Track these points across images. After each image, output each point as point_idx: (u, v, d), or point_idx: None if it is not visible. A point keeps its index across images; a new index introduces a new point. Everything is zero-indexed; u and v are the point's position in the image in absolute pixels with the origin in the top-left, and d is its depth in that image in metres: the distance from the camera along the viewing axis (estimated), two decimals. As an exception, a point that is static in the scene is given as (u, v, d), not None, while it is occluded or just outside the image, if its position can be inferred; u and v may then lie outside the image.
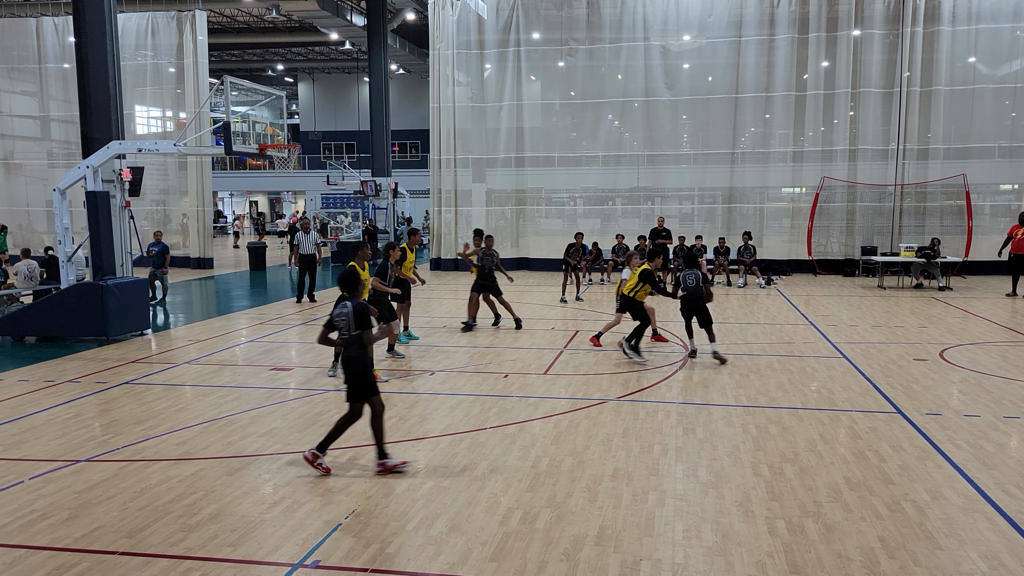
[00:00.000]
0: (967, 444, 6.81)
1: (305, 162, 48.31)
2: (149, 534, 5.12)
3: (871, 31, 20.63)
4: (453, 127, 22.99)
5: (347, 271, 6.54)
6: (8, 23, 25.91)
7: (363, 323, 6.15)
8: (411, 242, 11.59)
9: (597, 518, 5.30)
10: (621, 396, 8.56)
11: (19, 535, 5.13)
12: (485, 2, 22.17)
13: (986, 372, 9.56)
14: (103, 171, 12.72)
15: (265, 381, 9.47)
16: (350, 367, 6.16)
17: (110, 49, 13.21)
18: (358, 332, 6.14)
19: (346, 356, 6.20)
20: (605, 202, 23.86)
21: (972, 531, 5.08)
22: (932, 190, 20.93)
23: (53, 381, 9.51)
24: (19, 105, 26.79)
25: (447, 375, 9.66)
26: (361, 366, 6.17)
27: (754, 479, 6.01)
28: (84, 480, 6.11)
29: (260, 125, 13.98)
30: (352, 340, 6.18)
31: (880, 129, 20.95)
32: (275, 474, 6.22)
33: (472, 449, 6.77)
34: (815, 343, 11.57)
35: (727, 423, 7.51)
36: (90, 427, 7.57)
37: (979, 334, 12.19)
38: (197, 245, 24.79)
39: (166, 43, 24.11)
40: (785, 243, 21.95)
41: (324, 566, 4.66)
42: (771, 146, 22.00)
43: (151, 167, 23.65)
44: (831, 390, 8.80)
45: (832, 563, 4.65)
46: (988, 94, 20.65)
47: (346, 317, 6.19)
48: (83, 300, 11.90)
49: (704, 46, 22.00)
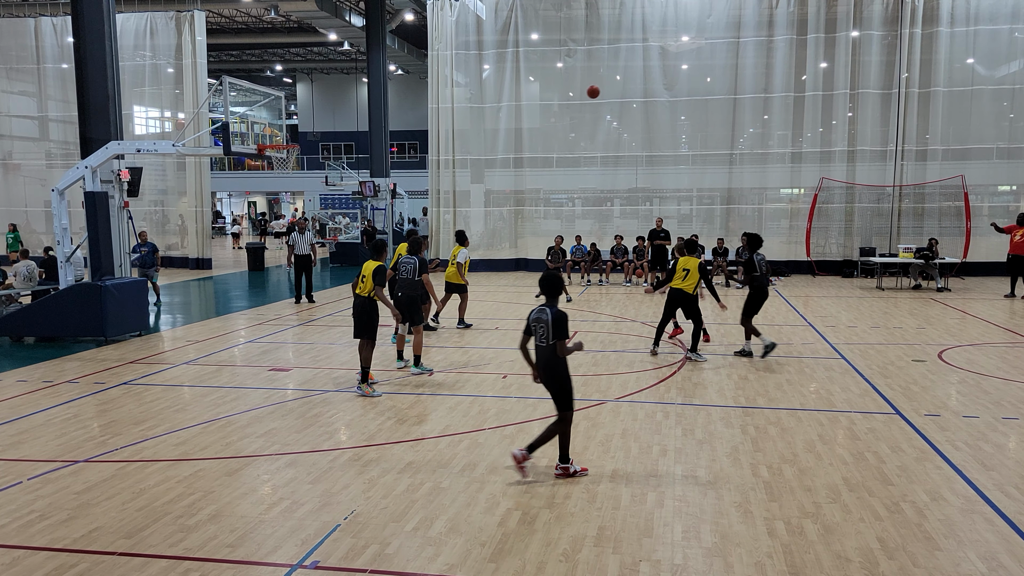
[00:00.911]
0: (966, 445, 6.82)
1: (304, 163, 48.28)
2: (148, 535, 5.11)
3: (870, 32, 20.65)
4: (452, 128, 22.99)
5: (551, 274, 6.19)
6: (6, 23, 25.89)
7: (561, 332, 5.92)
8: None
9: (596, 519, 5.30)
10: (620, 397, 8.56)
11: (18, 536, 5.13)
12: (484, 3, 22.18)
13: (985, 373, 9.57)
14: (102, 171, 12.71)
15: (264, 382, 9.46)
16: (557, 373, 5.99)
17: (109, 49, 13.20)
18: (555, 341, 5.93)
19: (550, 363, 6.00)
20: (603, 203, 23.86)
21: (971, 532, 5.09)
22: (931, 191, 20.95)
23: (52, 381, 9.50)
24: (17, 105, 26.77)
25: (446, 376, 9.66)
26: (566, 372, 6.03)
27: (753, 480, 6.02)
28: (83, 481, 6.10)
29: (259, 126, 13.98)
30: (546, 348, 5.99)
31: (879, 130, 20.98)
32: (274, 475, 6.22)
33: (471, 450, 6.77)
34: (814, 344, 11.57)
35: (726, 424, 7.51)
36: (89, 428, 7.56)
37: (978, 335, 12.21)
38: (195, 245, 24.77)
39: (165, 43, 24.09)
40: (784, 244, 21.95)
41: (323, 567, 4.66)
42: (770, 147, 22.01)
43: (150, 168, 23.62)
44: (830, 391, 8.81)
45: (831, 564, 4.66)
46: (986, 95, 20.68)
47: (545, 324, 5.98)
48: (82, 300, 11.89)
49: (703, 47, 22.01)
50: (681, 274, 10.51)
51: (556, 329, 5.91)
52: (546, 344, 5.99)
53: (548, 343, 5.97)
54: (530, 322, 6.10)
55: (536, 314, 6.06)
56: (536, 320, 6.04)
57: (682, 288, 10.46)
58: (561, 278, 6.21)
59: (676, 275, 10.56)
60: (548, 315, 5.96)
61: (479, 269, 22.65)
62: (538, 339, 6.05)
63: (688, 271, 10.46)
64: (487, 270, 22.44)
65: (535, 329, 6.06)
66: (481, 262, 22.84)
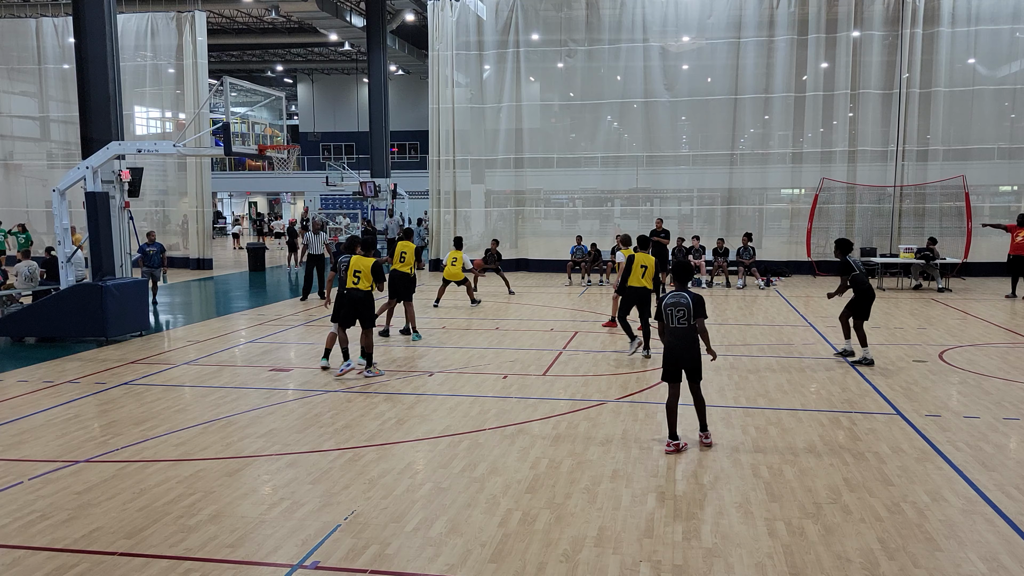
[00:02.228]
0: (967, 446, 6.81)
1: (304, 163, 48.29)
2: (149, 535, 5.11)
3: (870, 32, 20.65)
4: (452, 128, 23.00)
5: (684, 262, 7.00)
6: (8, 24, 25.91)
7: (701, 311, 6.62)
8: None
9: (596, 519, 5.30)
10: (620, 397, 8.56)
11: (18, 536, 5.13)
12: (484, 3, 22.18)
13: (985, 373, 9.56)
14: (103, 172, 12.72)
15: (264, 382, 9.46)
16: (695, 350, 6.65)
17: (110, 50, 13.21)
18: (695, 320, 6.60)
19: (690, 341, 6.62)
20: (604, 203, 23.87)
21: (972, 533, 5.09)
22: (931, 191, 20.94)
23: (52, 382, 9.50)
24: (19, 106, 26.79)
25: (446, 376, 9.66)
26: (698, 352, 6.68)
27: (753, 480, 6.01)
28: (83, 481, 6.10)
29: (259, 126, 13.99)
30: (687, 328, 6.61)
31: (879, 130, 20.97)
32: (274, 475, 6.22)
33: (471, 450, 6.77)
34: (814, 344, 11.57)
35: (726, 424, 7.51)
36: (89, 428, 7.57)
37: (978, 335, 12.20)
38: (196, 246, 24.78)
39: (165, 44, 24.10)
40: (784, 244, 21.95)
41: (323, 567, 4.66)
42: (770, 147, 22.02)
43: (150, 168, 23.62)
44: (830, 391, 8.80)
45: (832, 564, 4.65)
46: (987, 95, 20.67)
47: (684, 307, 6.59)
48: (83, 301, 11.89)
49: (703, 47, 22.01)
50: (639, 271, 10.49)
51: (698, 308, 6.61)
52: (686, 325, 6.61)
53: (689, 323, 6.60)
54: (664, 307, 6.69)
55: (672, 299, 6.66)
56: (673, 304, 6.64)
57: (644, 285, 10.49)
58: (692, 266, 7.08)
59: (633, 273, 10.52)
60: (687, 298, 6.63)
61: (480, 269, 22.67)
62: (675, 321, 6.65)
63: (646, 267, 10.50)
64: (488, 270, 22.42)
65: (671, 313, 6.65)
66: (482, 262, 22.87)
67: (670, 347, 6.73)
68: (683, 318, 6.61)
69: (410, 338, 12.00)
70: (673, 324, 6.66)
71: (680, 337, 6.64)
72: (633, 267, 10.51)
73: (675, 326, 6.66)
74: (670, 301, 6.67)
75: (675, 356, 6.68)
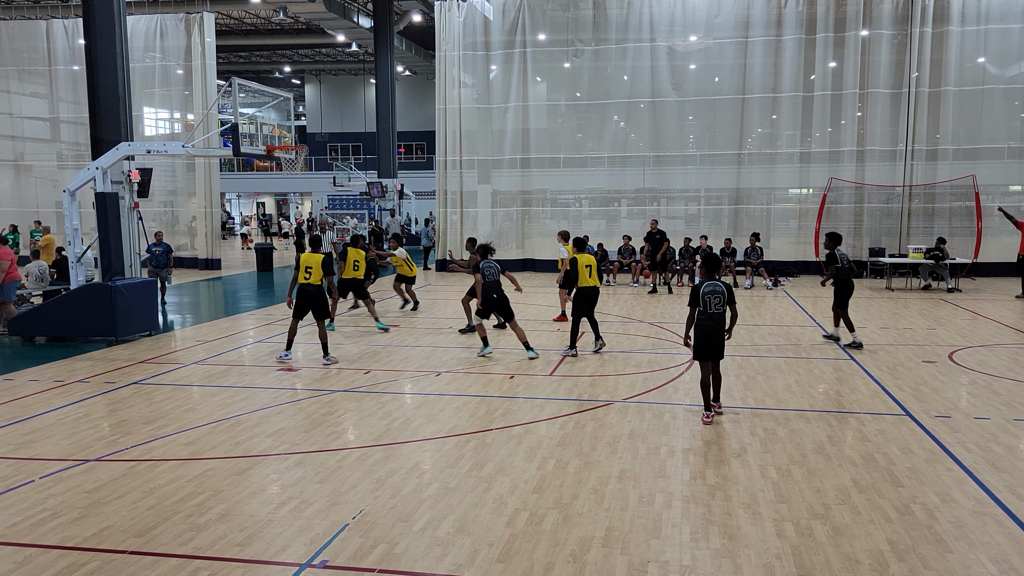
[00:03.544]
0: (977, 447, 6.78)
1: (312, 163, 48.46)
2: (158, 533, 5.14)
3: (879, 31, 20.56)
4: (459, 128, 23.01)
5: (713, 255, 7.94)
6: (18, 25, 26.08)
7: (734, 298, 7.58)
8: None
9: (604, 520, 5.30)
10: (627, 397, 8.55)
11: (30, 534, 5.16)
12: (491, 3, 22.19)
13: (996, 374, 9.51)
14: (112, 172, 12.79)
15: (272, 381, 9.50)
16: (722, 334, 7.52)
17: (119, 51, 13.29)
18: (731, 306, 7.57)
19: (721, 325, 7.50)
20: (611, 203, 23.83)
21: (982, 534, 5.06)
22: (941, 191, 20.83)
23: (63, 381, 9.56)
24: (29, 107, 26.96)
25: (453, 376, 9.67)
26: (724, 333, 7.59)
27: (762, 481, 6.00)
28: (94, 479, 6.14)
29: (267, 127, 14.05)
30: (722, 313, 7.50)
31: (888, 130, 20.87)
32: (283, 474, 6.24)
33: (478, 450, 6.78)
34: (822, 345, 11.53)
35: (734, 425, 7.49)
36: (99, 427, 7.61)
37: (988, 336, 12.13)
38: (205, 246, 24.88)
39: (174, 45, 24.22)
40: (792, 244, 21.87)
41: (332, 566, 4.67)
42: (778, 147, 21.94)
43: (159, 168, 23.71)
44: (839, 392, 8.77)
45: (841, 566, 4.64)
46: (998, 95, 20.55)
47: (721, 294, 7.44)
48: (92, 301, 11.96)
49: (711, 47, 21.95)
50: (585, 272, 10.62)
51: (731, 295, 7.54)
52: (723, 310, 7.48)
53: (724, 308, 7.48)
54: (704, 295, 7.46)
55: (710, 287, 7.48)
56: (711, 292, 7.46)
57: (595, 284, 10.68)
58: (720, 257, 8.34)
59: (581, 274, 10.64)
60: (723, 286, 7.48)
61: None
62: (713, 307, 7.46)
63: (591, 267, 10.66)
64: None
65: (710, 300, 7.45)
66: (488, 263, 22.86)
67: (708, 330, 7.46)
68: (719, 304, 7.46)
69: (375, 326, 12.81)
70: (711, 309, 7.45)
71: (718, 321, 7.48)
72: (579, 268, 10.68)
73: (713, 311, 7.46)
74: (708, 289, 7.46)
75: (713, 338, 7.47)
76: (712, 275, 7.59)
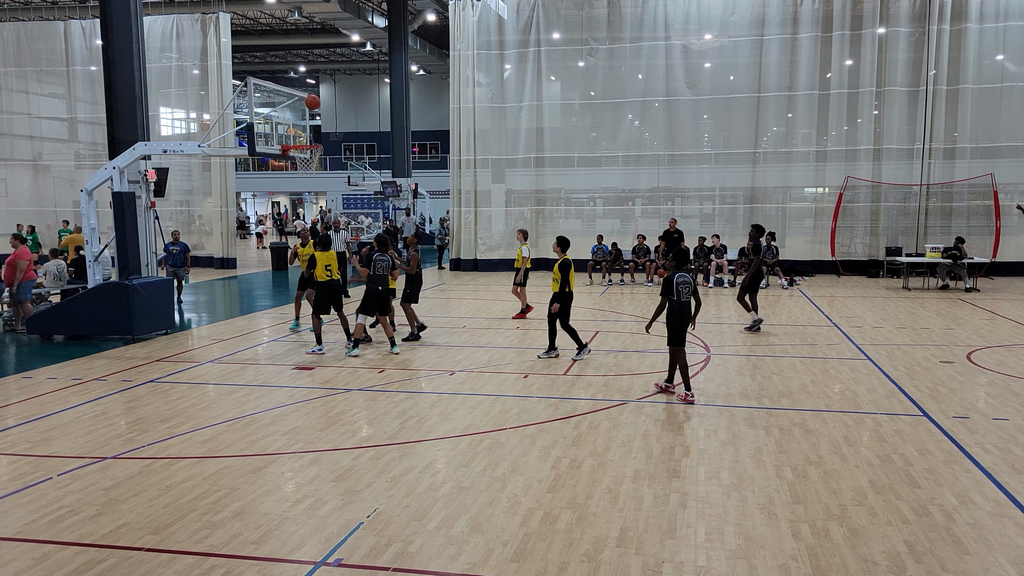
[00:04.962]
0: (995, 448, 6.70)
1: (326, 163, 48.67)
2: (174, 531, 5.18)
3: (896, 29, 20.36)
4: (473, 128, 23.02)
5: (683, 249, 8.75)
6: (37, 26, 26.36)
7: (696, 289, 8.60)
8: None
9: (618, 520, 5.28)
10: (641, 397, 8.53)
11: (48, 531, 5.22)
12: (505, 2, 22.17)
13: (1015, 375, 9.39)
14: (129, 172, 12.90)
15: (287, 380, 9.54)
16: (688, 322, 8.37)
17: (136, 52, 13.40)
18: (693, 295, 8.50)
19: (687, 313, 8.33)
20: (625, 202, 23.75)
21: (1001, 536, 5.00)
22: (959, 190, 20.60)
23: (80, 379, 9.66)
24: (47, 107, 27.25)
25: (467, 375, 9.68)
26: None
27: (777, 482, 5.96)
28: (111, 477, 6.20)
29: (283, 126, 14.13)
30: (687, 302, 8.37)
31: (905, 128, 20.67)
32: (298, 472, 6.27)
33: (492, 449, 6.78)
34: (839, 344, 11.44)
35: (749, 425, 7.45)
36: (116, 425, 7.68)
37: (1007, 336, 11.99)
38: (220, 245, 25.05)
39: (190, 45, 24.39)
40: (808, 244, 21.72)
41: (346, 564, 4.69)
42: (794, 146, 21.78)
43: (175, 168, 23.94)
44: (855, 392, 8.70)
45: (857, 567, 4.60)
46: (1016, 92, 20.28)
47: (689, 284, 8.33)
48: (109, 299, 12.08)
49: (726, 45, 21.83)
50: (573, 277, 10.37)
51: (695, 286, 8.51)
52: (689, 299, 8.34)
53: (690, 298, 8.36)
54: (677, 284, 8.26)
55: (683, 278, 8.31)
56: (683, 283, 8.29)
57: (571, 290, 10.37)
58: (688, 250, 8.99)
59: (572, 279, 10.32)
60: (689, 277, 8.39)
61: (499, 269, 22.67)
62: (684, 296, 8.29)
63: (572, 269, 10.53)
64: (507, 269, 22.43)
65: (682, 289, 8.27)
66: (501, 261, 22.87)
67: (684, 316, 8.31)
68: (689, 293, 8.33)
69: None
70: (683, 299, 8.29)
71: (689, 307, 8.36)
72: (570, 274, 10.23)
73: (685, 300, 8.30)
74: (681, 280, 8.28)
75: (686, 324, 8.33)
76: (681, 267, 8.40)
